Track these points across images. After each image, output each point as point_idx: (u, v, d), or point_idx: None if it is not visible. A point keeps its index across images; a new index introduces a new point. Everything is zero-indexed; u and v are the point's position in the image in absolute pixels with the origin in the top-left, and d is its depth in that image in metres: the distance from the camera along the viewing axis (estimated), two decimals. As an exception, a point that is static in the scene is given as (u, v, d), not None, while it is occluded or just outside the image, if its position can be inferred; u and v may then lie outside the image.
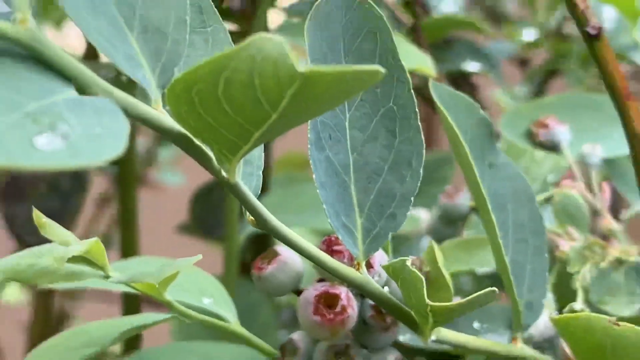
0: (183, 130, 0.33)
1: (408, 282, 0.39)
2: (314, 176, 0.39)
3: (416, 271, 0.37)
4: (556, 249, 0.49)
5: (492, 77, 0.77)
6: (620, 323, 0.41)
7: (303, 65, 0.27)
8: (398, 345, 0.47)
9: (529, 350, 0.45)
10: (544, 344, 0.47)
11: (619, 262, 0.49)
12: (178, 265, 0.39)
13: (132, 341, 0.72)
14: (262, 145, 0.38)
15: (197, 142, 0.33)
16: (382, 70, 0.29)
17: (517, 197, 0.45)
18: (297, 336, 0.46)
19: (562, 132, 0.52)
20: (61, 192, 0.70)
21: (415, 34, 0.64)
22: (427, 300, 0.38)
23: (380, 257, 0.44)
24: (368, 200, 0.40)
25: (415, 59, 0.56)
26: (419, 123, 0.40)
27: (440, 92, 0.44)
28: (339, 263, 0.40)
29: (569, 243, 0.49)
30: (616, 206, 0.56)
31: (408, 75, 0.40)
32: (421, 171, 0.40)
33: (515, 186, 0.45)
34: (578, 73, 0.79)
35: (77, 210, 0.70)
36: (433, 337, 0.42)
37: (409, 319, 0.41)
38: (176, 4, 0.36)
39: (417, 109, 0.40)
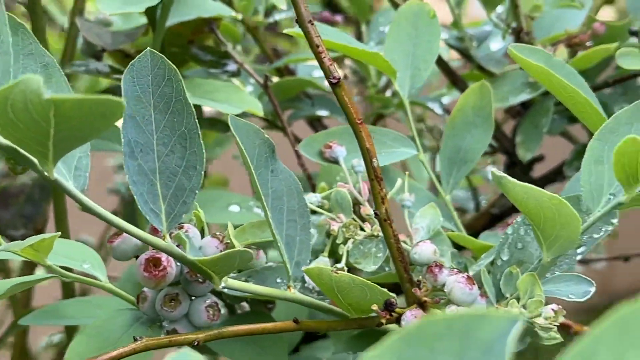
0: (10, 144, 0.35)
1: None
2: (126, 177, 0.41)
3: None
4: (330, 228, 0.51)
5: (340, 119, 0.79)
6: (339, 272, 0.43)
7: (49, 94, 0.29)
8: (217, 293, 0.49)
9: (298, 295, 0.47)
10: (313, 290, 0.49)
11: (372, 236, 0.51)
12: (39, 237, 0.40)
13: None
14: (89, 156, 0.40)
15: (22, 151, 0.35)
16: (124, 102, 0.31)
17: (290, 192, 0.47)
18: (146, 289, 0.48)
19: (340, 151, 0.54)
20: (34, 201, 0.71)
21: (266, 90, 0.66)
22: (198, 258, 0.40)
23: (192, 230, 0.46)
24: (168, 193, 0.42)
25: (248, 103, 0.58)
26: (201, 140, 0.42)
27: (236, 123, 0.46)
28: (153, 237, 0.42)
29: (337, 224, 0.51)
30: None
31: (193, 108, 0.42)
32: (203, 173, 0.42)
33: (289, 184, 0.47)
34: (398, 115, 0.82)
35: (45, 213, 0.71)
36: (223, 284, 0.44)
37: (203, 272, 0.43)
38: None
39: (199, 131, 0.42)
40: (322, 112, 0.77)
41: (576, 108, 0.48)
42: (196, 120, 0.41)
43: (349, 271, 0.44)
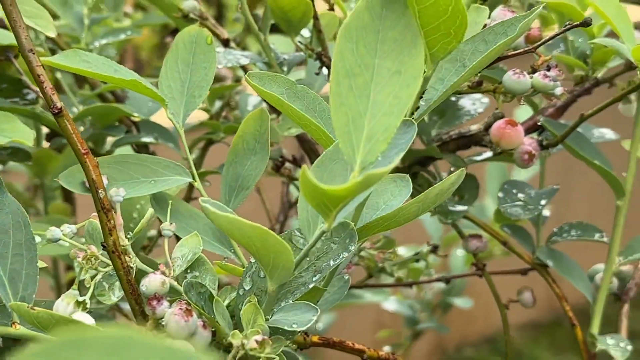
0: None
1: None
2: None
3: None
4: (78, 257, 0.50)
5: (170, 146, 0.79)
6: (36, 308, 0.42)
7: None
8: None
9: (24, 331, 0.46)
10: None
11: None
12: None
13: None
14: None
15: None
16: None
17: (17, 225, 0.46)
18: None
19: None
20: None
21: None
22: None
23: None
24: None
25: (19, 133, 0.57)
26: None
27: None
28: None
29: (82, 254, 0.50)
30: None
31: None
32: None
33: (16, 217, 0.46)
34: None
35: None
36: None
37: None
38: None
39: None
40: (148, 139, 0.76)
41: (315, 135, 0.48)
42: None
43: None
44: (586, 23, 0.52)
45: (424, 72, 0.45)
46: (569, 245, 0.71)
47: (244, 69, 0.74)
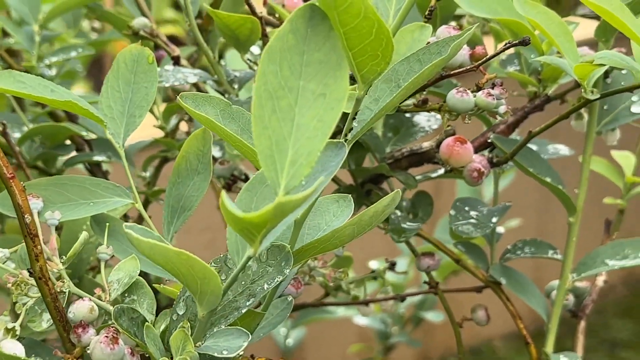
0: None
1: None
2: None
3: None
4: (9, 283, 0.49)
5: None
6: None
7: None
8: None
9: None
10: None
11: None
12: None
13: None
14: None
15: None
16: None
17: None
18: None
19: (35, 203, 0.53)
20: None
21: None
22: None
23: None
24: None
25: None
26: None
27: None
28: None
29: (12, 279, 0.49)
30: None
31: None
32: None
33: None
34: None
35: None
36: None
37: None
38: None
39: None
40: (101, 157, 0.76)
41: (250, 158, 0.48)
42: None
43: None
44: (524, 42, 0.52)
45: (357, 93, 0.45)
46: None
47: (196, 86, 0.74)
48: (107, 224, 0.54)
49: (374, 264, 1.24)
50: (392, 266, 0.80)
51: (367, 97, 0.47)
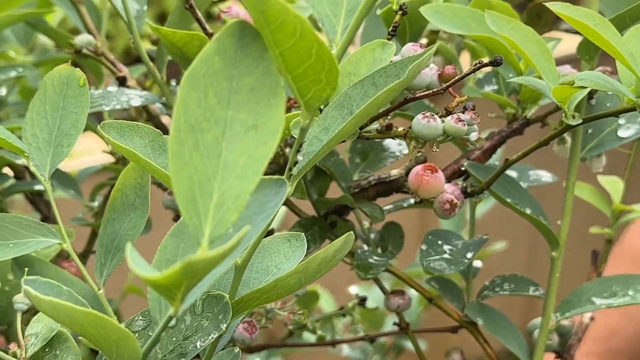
0: None
1: None
2: None
3: None
4: None
5: (70, 194, 0.72)
6: None
7: None
8: None
9: None
10: None
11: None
12: None
13: None
14: None
15: None
16: None
17: None
18: None
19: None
20: None
21: None
22: None
23: None
24: None
25: None
26: None
27: None
28: None
29: None
30: None
31: None
32: None
33: None
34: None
35: None
36: None
37: None
38: None
39: None
40: (41, 187, 0.70)
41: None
42: None
43: None
44: (496, 62, 0.47)
45: (301, 122, 0.40)
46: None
47: (146, 109, 0.68)
48: (27, 268, 0.48)
49: (354, 289, 1.18)
50: (362, 302, 0.74)
51: (316, 126, 0.42)
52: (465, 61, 0.74)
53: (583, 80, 0.46)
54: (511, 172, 0.68)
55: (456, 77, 0.50)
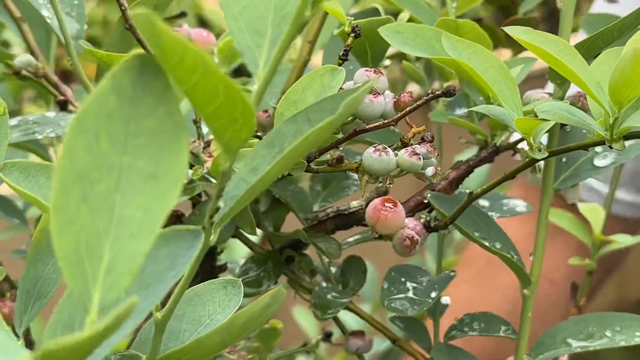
0: None
1: None
2: None
3: None
4: None
5: (15, 222, 0.68)
6: None
7: None
8: None
9: None
10: None
11: None
12: None
13: None
14: None
15: None
16: None
17: None
18: None
19: None
20: None
21: None
22: None
23: None
24: None
25: None
26: None
27: None
28: None
29: None
30: None
31: None
32: None
33: None
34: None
35: None
36: None
37: None
38: None
39: None
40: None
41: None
42: None
43: None
44: (449, 93, 0.42)
45: (220, 165, 0.35)
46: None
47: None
48: None
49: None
50: (327, 337, 0.69)
51: (243, 167, 0.37)
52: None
53: (546, 113, 0.41)
54: (482, 201, 0.64)
55: (409, 107, 0.46)
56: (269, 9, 0.34)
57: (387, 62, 0.61)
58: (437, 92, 0.43)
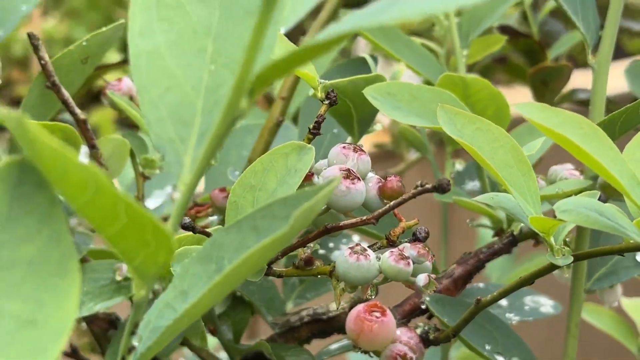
0: None
1: None
2: None
3: None
4: None
5: None
6: None
7: None
8: None
9: None
10: None
11: None
12: None
13: None
14: None
15: None
16: None
17: None
18: None
19: None
20: None
21: None
22: None
23: None
24: None
25: None
26: None
27: None
28: None
29: None
30: None
31: None
32: None
33: None
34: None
35: None
36: None
37: None
38: None
39: None
40: None
41: None
42: None
43: None
44: (442, 188, 0.39)
45: (134, 294, 0.32)
46: None
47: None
48: None
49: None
50: None
51: (170, 290, 0.34)
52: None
53: (566, 212, 0.38)
54: (501, 302, 0.60)
55: (396, 201, 0.42)
56: (198, 91, 0.31)
57: (378, 126, 0.58)
58: (428, 187, 0.40)
